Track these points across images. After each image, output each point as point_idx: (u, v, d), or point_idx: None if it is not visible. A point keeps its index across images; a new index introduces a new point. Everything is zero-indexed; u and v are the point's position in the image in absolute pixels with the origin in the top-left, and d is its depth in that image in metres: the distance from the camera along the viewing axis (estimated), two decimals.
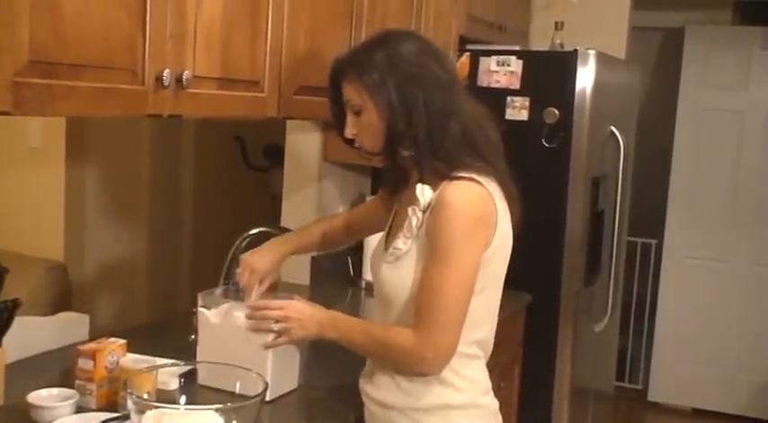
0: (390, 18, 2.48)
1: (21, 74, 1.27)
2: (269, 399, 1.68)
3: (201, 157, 4.15)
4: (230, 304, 1.81)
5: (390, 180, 1.76)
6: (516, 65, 2.95)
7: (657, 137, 4.60)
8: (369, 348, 1.64)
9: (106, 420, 1.58)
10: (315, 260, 2.91)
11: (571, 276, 2.99)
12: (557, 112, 2.91)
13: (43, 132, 3.28)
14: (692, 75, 4.51)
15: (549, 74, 2.95)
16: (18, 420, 1.60)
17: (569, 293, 2.99)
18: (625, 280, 3.76)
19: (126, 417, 1.52)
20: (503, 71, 2.96)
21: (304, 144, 3.03)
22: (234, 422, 1.34)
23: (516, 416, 2.93)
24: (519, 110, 2.94)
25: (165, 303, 3.82)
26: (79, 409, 1.65)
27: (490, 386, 1.68)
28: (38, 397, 1.63)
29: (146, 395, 1.46)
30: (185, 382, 1.70)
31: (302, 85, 2.04)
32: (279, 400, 1.79)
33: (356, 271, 3.00)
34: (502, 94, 2.95)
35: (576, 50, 2.92)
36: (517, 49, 3.09)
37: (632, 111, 3.65)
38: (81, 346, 1.75)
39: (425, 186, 1.56)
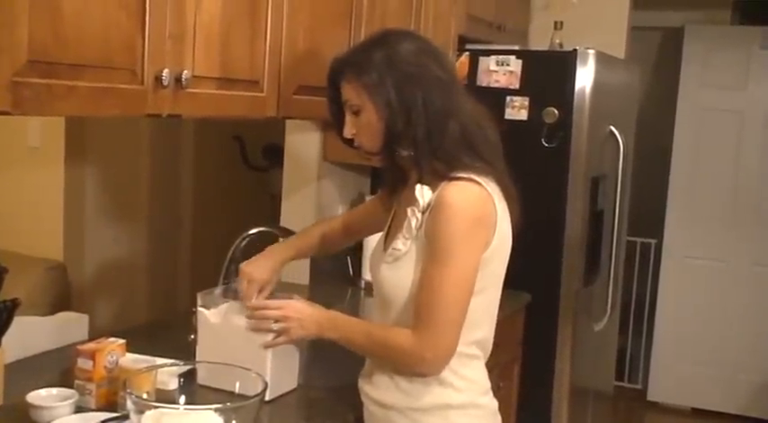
0: (390, 18, 2.48)
1: (20, 73, 1.27)
2: (268, 398, 1.68)
3: (201, 157, 4.15)
4: (230, 304, 1.81)
5: (389, 180, 1.76)
6: (516, 64, 2.95)
7: (657, 137, 4.60)
8: (368, 349, 1.64)
9: (105, 420, 1.58)
10: (314, 260, 2.91)
11: (570, 276, 2.99)
12: (556, 111, 2.91)
13: (42, 132, 3.28)
14: (691, 74, 4.52)
15: (548, 73, 2.95)
16: (17, 420, 1.60)
17: (569, 293, 2.99)
18: (624, 280, 3.76)
19: (125, 417, 1.52)
20: (502, 71, 2.96)
21: (303, 144, 3.03)
22: (233, 422, 1.33)
23: (516, 415, 2.93)
24: (518, 109, 2.94)
25: (165, 303, 3.82)
26: (78, 408, 1.64)
27: (489, 386, 1.68)
28: (37, 397, 1.63)
29: (145, 395, 1.46)
30: (185, 382, 1.70)
31: (301, 84, 2.04)
32: (278, 400, 1.79)
33: (355, 271, 3.00)
34: (501, 93, 2.95)
35: (576, 50, 2.92)
36: (516, 48, 3.08)
37: (632, 110, 3.65)
38: (80, 346, 1.75)
39: (425, 187, 1.56)
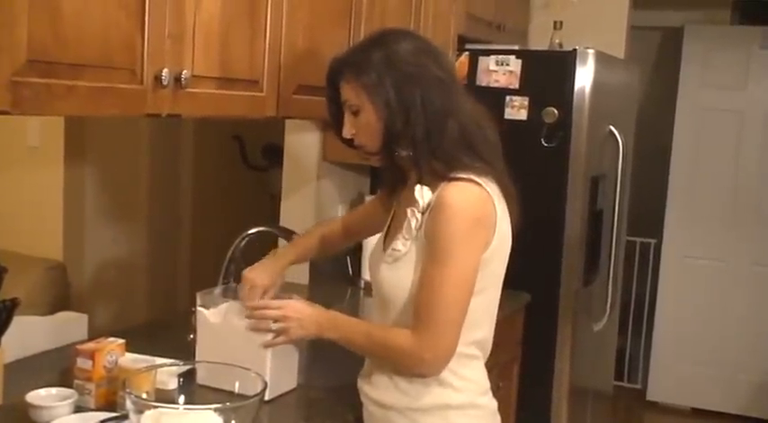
0: (389, 17, 2.48)
1: (19, 73, 1.27)
2: (268, 398, 1.68)
3: (200, 157, 4.15)
4: (229, 304, 1.81)
5: (389, 180, 1.76)
6: (515, 64, 2.95)
7: (656, 136, 4.60)
8: (368, 349, 1.63)
9: (105, 420, 1.58)
10: (314, 260, 2.90)
11: (570, 276, 2.99)
12: (556, 111, 2.91)
13: (42, 132, 3.28)
14: (691, 74, 4.51)
15: (548, 73, 2.95)
16: (17, 420, 1.60)
17: (568, 293, 2.99)
18: (624, 279, 3.76)
19: (125, 416, 1.52)
20: (502, 71, 2.96)
21: (303, 144, 3.02)
22: (233, 422, 1.33)
23: (515, 415, 2.93)
24: (518, 109, 2.94)
25: (164, 303, 3.82)
26: (78, 408, 1.64)
27: (489, 386, 1.68)
28: (36, 396, 1.63)
29: (144, 395, 1.45)
30: (184, 382, 1.70)
31: (301, 84, 2.04)
32: (278, 400, 1.79)
33: (355, 271, 2.99)
34: (501, 93, 2.95)
35: (575, 50, 2.92)
36: (516, 48, 3.08)
37: (631, 110, 3.65)
38: (80, 346, 1.75)
39: (424, 187, 1.56)
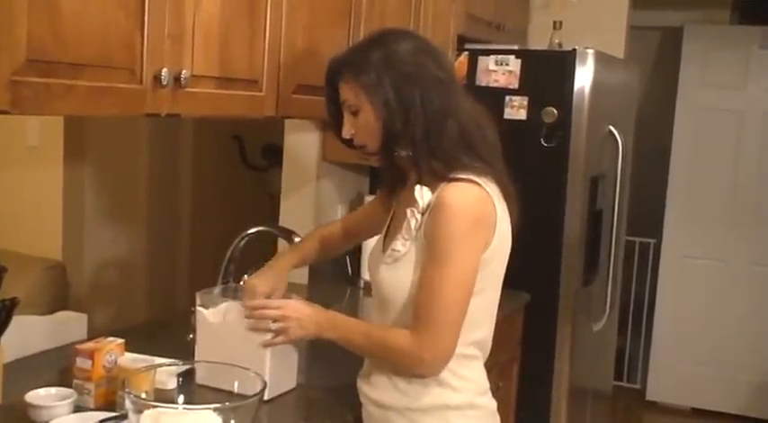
0: (389, 16, 2.48)
1: (18, 73, 1.27)
2: (267, 398, 1.68)
3: (200, 157, 4.15)
4: (229, 303, 1.81)
5: (388, 180, 1.76)
6: (515, 64, 2.95)
7: (656, 136, 4.60)
8: (367, 349, 1.63)
9: (104, 420, 1.58)
10: (315, 263, 2.90)
11: (569, 276, 2.99)
12: (555, 111, 2.91)
13: (41, 131, 3.28)
14: (690, 74, 4.52)
15: (547, 73, 2.95)
16: (16, 420, 1.60)
17: (568, 293, 2.99)
18: (623, 279, 3.76)
19: (124, 416, 1.52)
20: (501, 70, 2.96)
21: (302, 143, 3.02)
22: (232, 422, 1.33)
23: (515, 415, 2.93)
24: (517, 109, 2.94)
25: (164, 303, 3.82)
26: (77, 408, 1.64)
27: (488, 386, 1.68)
28: (36, 396, 1.62)
29: (144, 394, 1.45)
30: (183, 382, 1.70)
31: (301, 83, 2.04)
32: (277, 400, 1.79)
33: (354, 270, 2.99)
34: (500, 93, 2.95)
35: (575, 50, 2.92)
36: (516, 48, 3.08)
37: (631, 110, 3.65)
38: (79, 346, 1.75)
39: (424, 188, 1.56)
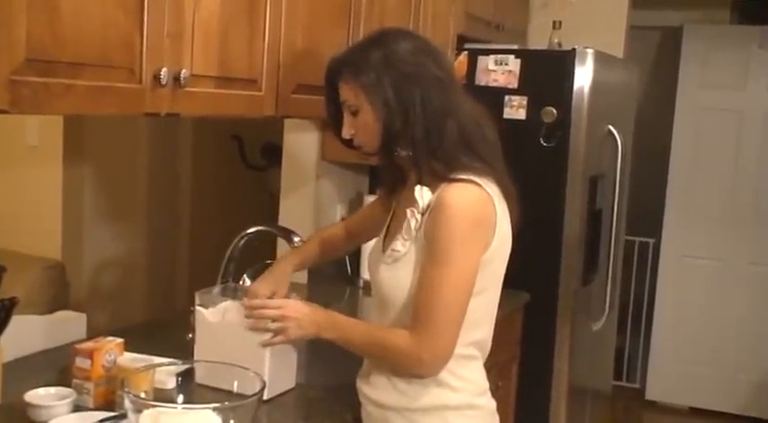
0: (388, 16, 2.48)
1: (18, 72, 1.27)
2: (266, 398, 1.67)
3: (199, 156, 4.15)
4: (228, 303, 1.80)
5: (388, 180, 1.76)
6: (514, 64, 2.95)
7: (655, 136, 4.60)
8: (366, 349, 1.63)
9: (103, 419, 1.58)
10: (316, 265, 2.90)
11: (569, 275, 2.99)
12: (554, 111, 2.91)
13: (41, 131, 3.28)
14: (690, 74, 4.52)
15: (547, 73, 2.95)
16: (15, 419, 1.60)
17: (567, 292, 2.99)
18: (623, 279, 3.76)
19: (123, 416, 1.52)
20: (501, 70, 2.96)
21: (302, 143, 3.02)
22: (231, 421, 1.33)
23: (514, 415, 2.94)
24: (517, 109, 2.94)
25: (163, 302, 3.82)
26: (76, 407, 1.64)
27: (487, 386, 1.68)
28: (35, 396, 1.62)
29: (143, 394, 1.45)
30: (183, 381, 1.70)
31: (300, 83, 2.04)
32: (276, 400, 1.79)
33: (354, 270, 2.99)
34: (500, 93, 2.95)
35: (574, 49, 2.92)
36: (515, 47, 3.08)
37: (630, 110, 3.65)
38: (78, 345, 1.75)
39: (424, 188, 1.56)
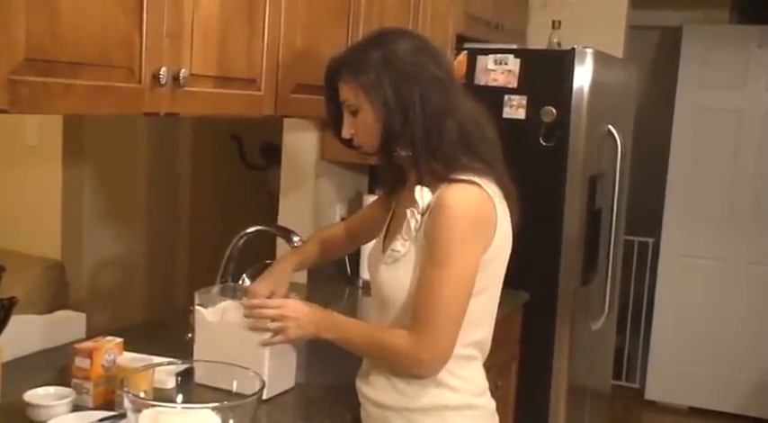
0: (387, 16, 2.48)
1: (17, 72, 1.27)
2: (266, 397, 1.67)
3: (198, 156, 4.15)
4: (227, 303, 1.80)
5: (388, 180, 1.76)
6: (514, 63, 2.95)
7: (655, 136, 4.60)
8: (366, 350, 1.63)
9: (103, 419, 1.58)
10: (317, 265, 2.90)
11: (568, 275, 2.99)
12: (554, 110, 2.91)
13: (40, 131, 3.28)
14: (689, 74, 4.52)
15: (546, 72, 2.95)
16: (15, 419, 1.60)
17: (566, 292, 2.99)
18: (622, 279, 3.76)
19: (122, 415, 1.52)
20: (500, 70, 2.96)
21: (301, 142, 3.02)
22: (231, 421, 1.33)
23: (513, 414, 2.94)
24: (516, 108, 2.94)
25: (162, 302, 3.82)
26: (76, 407, 1.64)
27: (487, 386, 1.68)
28: (34, 395, 1.62)
29: (142, 394, 1.45)
30: (182, 381, 1.71)
31: (299, 83, 2.04)
32: (276, 399, 1.79)
33: (353, 270, 2.99)
34: (499, 92, 2.95)
35: (574, 49, 2.92)
36: (515, 47, 3.08)
37: (630, 109, 3.65)
38: (78, 345, 1.75)
39: (424, 188, 1.56)
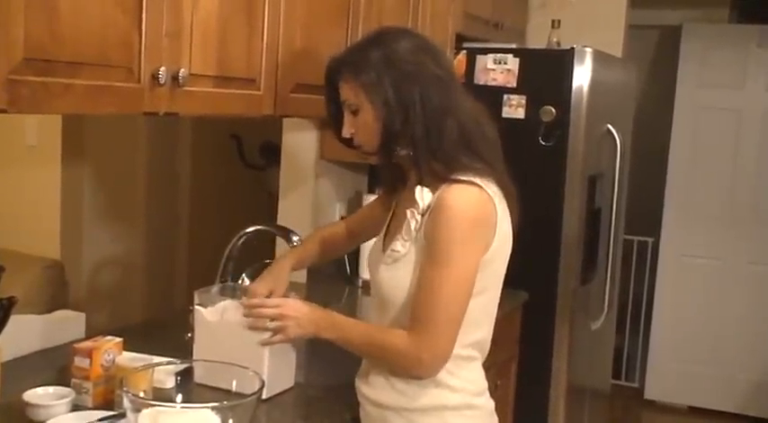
0: (387, 15, 2.48)
1: (16, 71, 1.27)
2: (265, 397, 1.67)
3: (198, 155, 4.15)
4: (227, 302, 1.80)
5: (388, 180, 1.76)
6: (513, 63, 2.95)
7: (654, 135, 4.60)
8: (365, 350, 1.63)
9: (102, 419, 1.58)
10: (317, 264, 2.90)
11: (568, 274, 2.99)
12: (553, 110, 2.91)
13: (40, 130, 3.28)
14: (689, 73, 4.52)
15: (545, 72, 2.95)
16: (14, 419, 1.60)
17: (566, 292, 2.99)
18: (621, 278, 3.76)
19: (122, 415, 1.52)
20: (499, 69, 2.96)
21: (300, 142, 3.02)
22: (230, 420, 1.33)
23: (513, 414, 2.94)
24: (516, 108, 2.94)
25: (162, 301, 3.82)
26: (75, 407, 1.64)
27: (486, 386, 1.68)
28: (34, 395, 1.62)
29: (142, 393, 1.45)
30: (182, 381, 1.70)
31: (299, 82, 2.04)
32: (275, 399, 1.79)
33: (353, 270, 2.99)
34: (499, 92, 2.95)
35: (573, 48, 2.92)
36: (514, 47, 3.08)
37: (629, 109, 3.65)
38: (77, 345, 1.74)
39: (424, 189, 1.55)
